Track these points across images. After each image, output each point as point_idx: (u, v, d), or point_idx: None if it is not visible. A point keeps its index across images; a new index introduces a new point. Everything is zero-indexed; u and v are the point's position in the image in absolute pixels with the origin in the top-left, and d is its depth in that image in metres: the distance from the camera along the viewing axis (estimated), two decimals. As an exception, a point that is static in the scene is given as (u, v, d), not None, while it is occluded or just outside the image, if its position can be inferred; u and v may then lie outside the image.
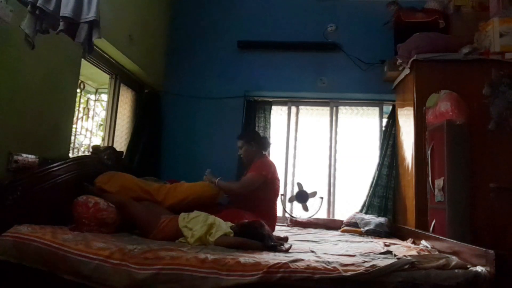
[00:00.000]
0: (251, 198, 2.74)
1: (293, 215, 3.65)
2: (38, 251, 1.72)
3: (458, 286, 1.51)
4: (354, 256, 1.86)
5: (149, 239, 2.11)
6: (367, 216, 3.34)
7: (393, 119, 3.68)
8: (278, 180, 2.95)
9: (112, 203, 2.25)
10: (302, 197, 3.58)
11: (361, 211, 3.54)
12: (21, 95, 2.12)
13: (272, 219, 2.81)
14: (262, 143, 3.02)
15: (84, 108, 3.35)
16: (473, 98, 2.83)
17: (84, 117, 3.37)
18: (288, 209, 3.76)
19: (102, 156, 2.70)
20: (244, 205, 2.71)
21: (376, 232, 3.10)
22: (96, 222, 2.12)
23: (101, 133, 3.68)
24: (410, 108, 3.07)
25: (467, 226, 2.67)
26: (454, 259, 1.66)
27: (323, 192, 3.72)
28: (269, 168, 2.84)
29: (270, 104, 3.92)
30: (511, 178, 2.70)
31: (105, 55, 3.07)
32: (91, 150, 2.80)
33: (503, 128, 2.76)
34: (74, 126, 2.83)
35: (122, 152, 3.18)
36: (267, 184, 2.78)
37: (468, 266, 1.59)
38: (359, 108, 3.95)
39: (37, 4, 1.81)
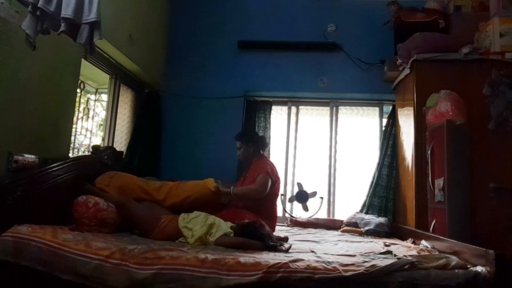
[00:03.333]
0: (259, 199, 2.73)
1: (293, 215, 3.65)
2: (38, 251, 1.72)
3: (458, 286, 1.52)
4: (354, 256, 1.87)
5: (149, 239, 2.11)
6: (367, 216, 3.34)
7: (393, 119, 3.68)
8: (279, 180, 2.96)
9: (112, 203, 2.25)
10: (302, 197, 3.58)
11: (361, 211, 3.54)
12: (21, 95, 2.12)
13: (272, 219, 2.81)
14: (261, 143, 3.02)
15: (84, 108, 3.35)
16: (473, 98, 2.83)
17: (84, 117, 3.37)
18: (288, 209, 3.76)
19: (102, 156, 2.70)
20: (244, 205, 2.71)
21: (376, 232, 3.10)
22: (96, 222, 2.12)
23: (101, 133, 3.68)
24: (410, 108, 3.07)
25: (467, 226, 2.67)
26: (454, 259, 1.66)
27: (323, 192, 3.72)
28: (273, 168, 2.85)
29: (270, 104, 3.92)
30: (511, 178, 2.70)
31: (105, 55, 3.07)
32: (91, 150, 2.80)
33: (503, 128, 2.76)
34: (74, 126, 2.83)
35: (122, 152, 3.18)
36: (272, 185, 2.79)
37: (468, 266, 1.59)
38: (359, 108, 3.95)
39: (38, 5, 1.81)
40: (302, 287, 1.56)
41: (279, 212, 3.69)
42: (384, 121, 3.80)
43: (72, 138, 2.78)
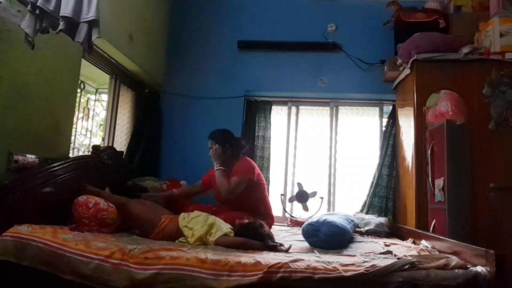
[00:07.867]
0: (247, 200, 2.72)
1: (293, 215, 3.65)
2: (38, 251, 1.72)
3: (458, 286, 1.51)
4: (354, 256, 1.87)
5: (149, 239, 2.11)
6: (367, 216, 3.34)
7: (393, 119, 3.68)
8: (261, 176, 2.92)
9: (112, 203, 2.25)
10: (302, 197, 3.58)
11: (361, 211, 3.54)
12: (21, 95, 2.12)
13: (269, 217, 2.81)
14: (238, 146, 2.88)
15: (84, 108, 3.35)
16: (473, 98, 2.83)
17: (84, 117, 3.37)
18: (288, 209, 3.75)
19: (102, 156, 2.70)
20: (241, 207, 2.70)
21: (376, 232, 3.09)
22: (96, 222, 2.12)
23: (101, 133, 3.68)
24: (410, 108, 3.07)
25: (467, 226, 2.67)
26: (454, 259, 1.66)
27: (323, 192, 3.72)
28: (253, 170, 2.78)
29: (270, 104, 3.91)
30: (511, 178, 2.70)
31: (105, 55, 3.07)
32: (91, 150, 2.81)
33: (503, 128, 2.76)
34: (74, 126, 2.83)
35: (122, 152, 3.18)
36: (257, 184, 2.78)
37: (468, 266, 1.59)
38: (359, 108, 3.95)
39: (37, 4, 1.82)
40: (302, 287, 1.56)
41: (280, 212, 3.70)
42: (384, 121, 3.79)
43: (72, 138, 2.78)
